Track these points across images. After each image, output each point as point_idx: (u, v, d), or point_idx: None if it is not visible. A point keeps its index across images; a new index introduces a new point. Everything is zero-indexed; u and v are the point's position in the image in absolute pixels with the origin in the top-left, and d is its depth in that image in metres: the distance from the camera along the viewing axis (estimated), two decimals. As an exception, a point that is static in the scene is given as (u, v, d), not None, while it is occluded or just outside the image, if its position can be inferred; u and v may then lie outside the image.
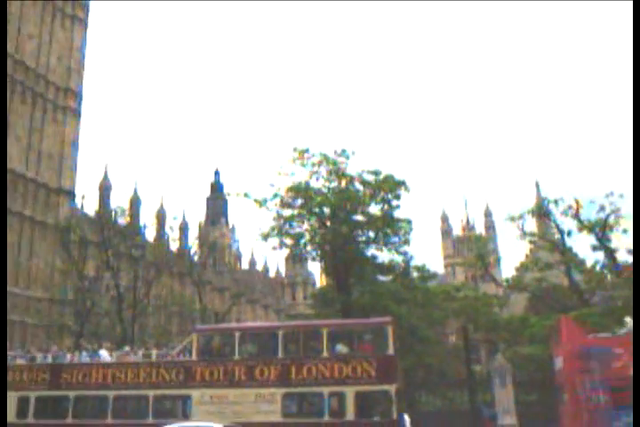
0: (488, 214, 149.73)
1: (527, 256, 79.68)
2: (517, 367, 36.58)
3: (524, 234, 46.93)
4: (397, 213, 41.59)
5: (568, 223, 44.82)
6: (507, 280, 53.63)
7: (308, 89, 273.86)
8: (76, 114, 69.13)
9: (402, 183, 41.05)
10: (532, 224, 53.11)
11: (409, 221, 41.87)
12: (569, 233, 45.04)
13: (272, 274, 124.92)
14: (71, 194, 66.27)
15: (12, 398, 23.89)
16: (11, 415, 23.69)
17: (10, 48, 62.92)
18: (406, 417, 21.93)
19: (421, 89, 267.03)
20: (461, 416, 33.13)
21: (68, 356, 25.49)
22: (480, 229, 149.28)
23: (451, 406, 37.41)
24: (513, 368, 33.14)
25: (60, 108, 67.46)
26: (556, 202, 44.68)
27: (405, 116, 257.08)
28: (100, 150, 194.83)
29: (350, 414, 20.94)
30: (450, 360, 51.09)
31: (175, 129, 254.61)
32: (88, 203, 69.99)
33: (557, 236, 47.04)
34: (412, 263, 46.57)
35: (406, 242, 41.99)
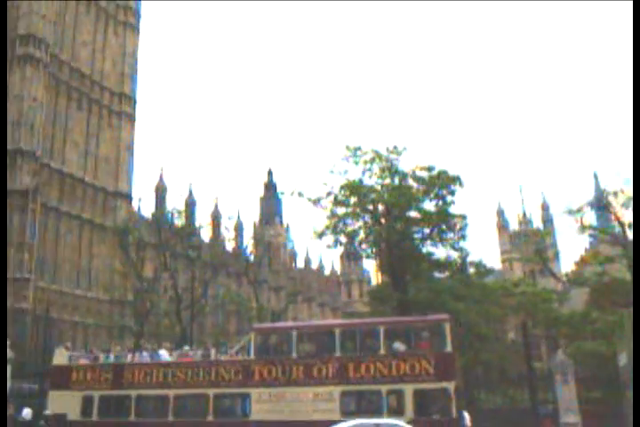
0: (545, 208, 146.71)
1: (587, 250, 77.96)
2: (580, 364, 35.70)
3: (583, 227, 45.81)
4: (452, 209, 41.15)
5: (628, 216, 43.63)
6: (566, 275, 52.58)
7: (358, 86, 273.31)
8: (131, 118, 70.38)
9: (456, 179, 40.59)
10: (591, 217, 51.87)
11: (464, 217, 41.36)
12: (630, 226, 43.83)
13: (327, 272, 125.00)
14: (128, 197, 67.50)
15: (77, 397, 24.42)
16: (76, 414, 24.21)
17: (65, 56, 64.39)
18: (466, 415, 21.66)
19: (473, 81, 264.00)
20: (522, 414, 32.54)
21: (130, 356, 25.92)
22: (537, 223, 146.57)
23: (511, 403, 36.79)
24: (575, 365, 32.33)
25: (115, 113, 68.76)
26: (615, 194, 43.52)
27: (458, 110, 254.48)
28: (154, 153, 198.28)
29: (409, 412, 20.77)
30: (509, 357, 50.26)
31: (228, 130, 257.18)
32: (145, 205, 71.29)
33: (618, 229, 45.84)
34: (469, 259, 45.98)
35: (462, 238, 41.50)
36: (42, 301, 53.21)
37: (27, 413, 25.71)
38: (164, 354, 25.25)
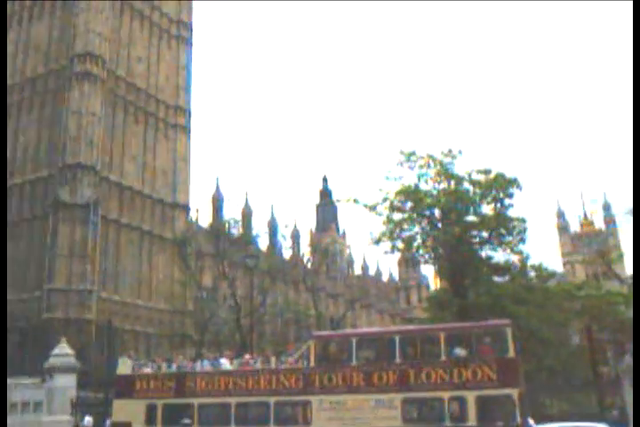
0: (607, 208, 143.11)
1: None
2: (648, 368, 34.64)
3: (647, 227, 44.52)
4: (511, 212, 40.52)
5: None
6: (632, 277, 51.09)
7: (410, 91, 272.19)
8: (186, 130, 71.50)
9: (513, 181, 39.97)
10: (655, 216, 50.37)
11: (523, 220, 40.67)
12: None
13: (385, 278, 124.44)
14: (186, 208, 68.49)
15: (141, 405, 24.73)
16: (139, 422, 24.54)
17: (121, 71, 65.87)
18: (531, 422, 21.19)
19: (530, 80, 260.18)
20: (589, 420, 31.71)
21: (191, 364, 26.17)
22: (599, 224, 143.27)
23: (578, 409, 35.91)
24: (644, 369, 31.39)
25: (170, 126, 69.95)
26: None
27: (513, 112, 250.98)
28: (210, 164, 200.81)
29: (472, 419, 20.40)
30: (574, 362, 49.10)
31: (282, 138, 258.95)
32: (202, 215, 72.15)
33: (685, 228, 44.38)
34: (529, 262, 45.21)
35: (521, 241, 40.81)
36: (104, 311, 54.27)
37: (88, 421, 26.22)
38: (225, 362, 25.41)
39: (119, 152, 63.71)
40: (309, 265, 75.40)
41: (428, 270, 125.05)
